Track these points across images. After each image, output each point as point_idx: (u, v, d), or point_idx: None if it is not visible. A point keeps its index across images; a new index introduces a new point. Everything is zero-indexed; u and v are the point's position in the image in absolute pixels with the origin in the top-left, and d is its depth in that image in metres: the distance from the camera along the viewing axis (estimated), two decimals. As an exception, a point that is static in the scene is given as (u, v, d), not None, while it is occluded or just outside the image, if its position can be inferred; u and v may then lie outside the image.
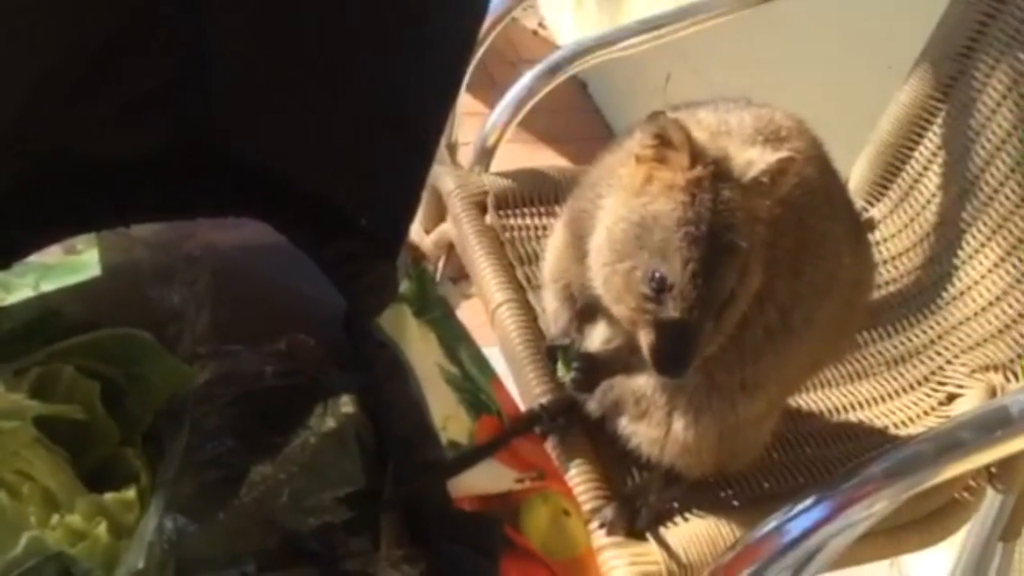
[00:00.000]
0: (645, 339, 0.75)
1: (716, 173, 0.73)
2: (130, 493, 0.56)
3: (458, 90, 0.63)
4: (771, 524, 0.75)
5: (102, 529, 0.53)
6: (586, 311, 0.87)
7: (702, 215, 0.71)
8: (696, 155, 0.72)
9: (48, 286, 0.67)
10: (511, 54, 2.31)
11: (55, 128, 0.61)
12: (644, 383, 0.85)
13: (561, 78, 1.22)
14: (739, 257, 0.73)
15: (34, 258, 0.65)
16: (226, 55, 0.62)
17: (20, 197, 0.62)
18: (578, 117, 2.32)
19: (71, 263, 0.68)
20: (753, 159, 0.74)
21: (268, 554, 0.56)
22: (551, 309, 0.92)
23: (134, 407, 0.62)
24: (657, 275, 0.72)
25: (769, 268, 0.77)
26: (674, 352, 0.73)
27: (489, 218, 1.14)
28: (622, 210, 0.75)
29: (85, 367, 0.62)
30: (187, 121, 0.65)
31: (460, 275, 1.20)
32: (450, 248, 1.19)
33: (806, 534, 0.73)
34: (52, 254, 0.67)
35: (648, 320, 0.74)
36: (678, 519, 0.88)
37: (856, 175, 1.21)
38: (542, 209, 1.17)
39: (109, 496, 0.56)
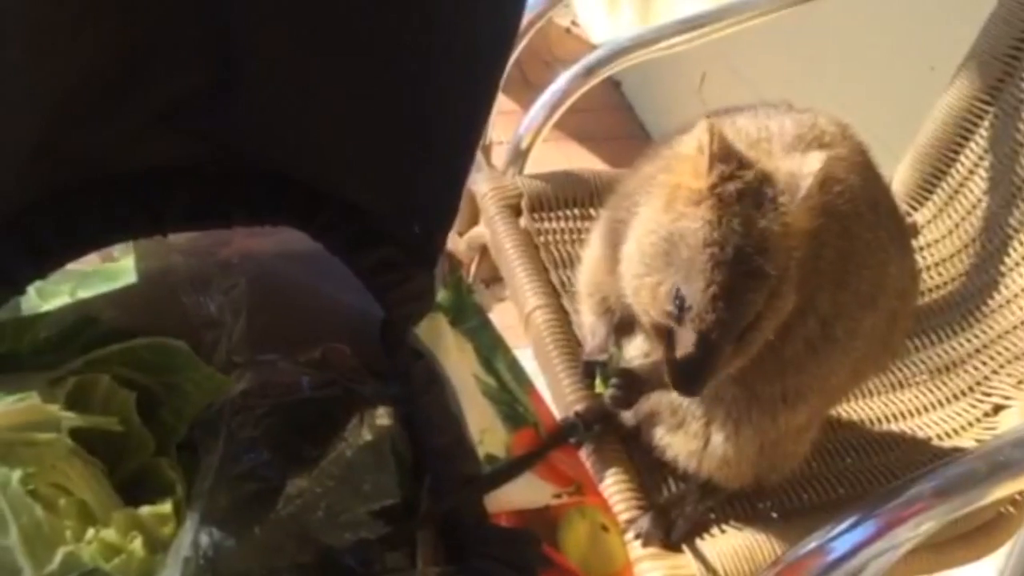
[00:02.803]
0: (665, 354, 0.73)
1: (748, 191, 0.70)
2: (166, 506, 0.56)
3: (494, 98, 0.62)
4: (813, 542, 0.73)
5: (137, 544, 0.53)
6: (624, 324, 0.86)
7: (728, 237, 0.68)
8: (719, 161, 0.69)
9: (85, 293, 0.67)
10: (544, 53, 2.29)
11: (87, 138, 0.60)
12: (681, 393, 0.83)
13: (597, 79, 1.21)
14: (767, 282, 0.70)
15: (71, 265, 0.65)
16: (259, 63, 0.61)
17: (55, 206, 0.62)
18: (611, 116, 2.31)
19: (107, 270, 0.68)
20: (793, 171, 0.71)
21: (304, 569, 0.55)
22: (587, 323, 0.90)
23: (169, 417, 0.62)
24: (680, 294, 0.70)
25: (811, 279, 0.75)
26: (690, 371, 0.72)
27: (523, 221, 1.13)
28: (652, 223, 0.74)
29: (120, 376, 0.62)
30: (220, 129, 0.64)
31: (493, 278, 1.19)
32: (483, 251, 1.18)
33: (849, 553, 0.71)
34: (89, 261, 0.67)
35: (669, 336, 0.72)
36: (715, 531, 0.87)
37: (899, 179, 1.19)
38: (577, 212, 1.16)
39: (145, 510, 0.55)
